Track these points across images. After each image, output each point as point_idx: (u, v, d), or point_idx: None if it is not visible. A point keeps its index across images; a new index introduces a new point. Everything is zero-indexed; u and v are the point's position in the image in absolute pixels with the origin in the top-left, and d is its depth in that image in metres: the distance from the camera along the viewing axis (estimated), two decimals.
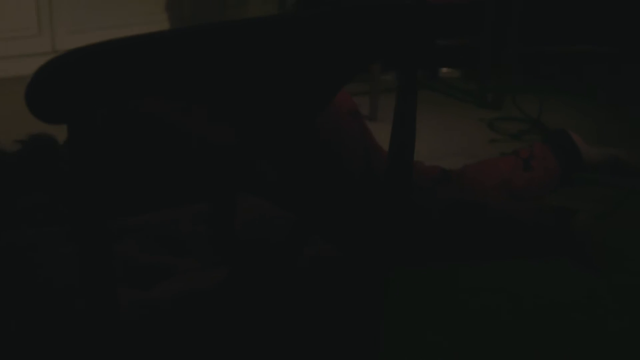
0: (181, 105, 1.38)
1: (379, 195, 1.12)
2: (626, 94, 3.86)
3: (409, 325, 2.05)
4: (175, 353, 1.00)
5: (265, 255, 1.10)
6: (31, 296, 1.03)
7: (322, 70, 0.95)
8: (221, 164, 1.42)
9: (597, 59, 4.10)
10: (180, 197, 1.31)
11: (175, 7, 4.56)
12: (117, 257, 1.08)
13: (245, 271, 1.04)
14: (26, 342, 1.00)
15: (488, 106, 3.76)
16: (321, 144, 2.19)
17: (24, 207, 1.54)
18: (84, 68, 0.78)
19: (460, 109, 3.73)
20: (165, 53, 0.82)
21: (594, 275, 2.31)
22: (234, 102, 0.94)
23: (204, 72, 0.86)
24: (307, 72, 0.94)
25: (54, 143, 1.81)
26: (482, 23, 3.83)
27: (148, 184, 1.45)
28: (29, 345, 1.00)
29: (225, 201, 1.09)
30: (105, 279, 0.84)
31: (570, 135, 2.82)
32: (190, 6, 4.60)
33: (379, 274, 1.13)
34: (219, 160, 1.46)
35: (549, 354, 1.96)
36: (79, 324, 0.95)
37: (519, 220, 2.41)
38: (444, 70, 4.30)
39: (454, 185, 2.45)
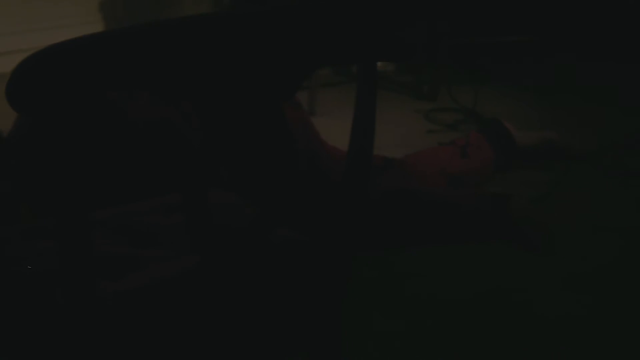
0: (144, 97, 1.41)
1: (326, 186, 1.16)
2: (555, 81, 3.99)
3: (356, 310, 2.10)
4: (148, 341, 1.03)
5: (232, 241, 1.13)
6: (8, 289, 1.04)
7: (283, 63, 0.99)
8: (184, 156, 1.46)
9: (526, 49, 4.21)
10: (143, 190, 1.33)
11: (109, 7, 4.54)
12: None
13: (215, 258, 1.07)
14: (5, 335, 1.01)
15: (424, 98, 3.84)
16: (264, 134, 2.22)
17: None
18: (61, 63, 0.81)
19: (396, 102, 3.80)
20: (139, 47, 0.85)
21: (530, 257, 2.40)
22: (195, 93, 0.98)
23: (177, 66, 0.90)
24: (268, 64, 0.98)
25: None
26: (416, 16, 3.90)
27: (110, 177, 1.47)
28: (8, 337, 1.01)
29: (197, 191, 1.12)
30: (86, 271, 0.87)
31: (503, 124, 2.91)
32: (123, 6, 4.58)
33: (339, 261, 1.17)
34: (182, 153, 1.50)
35: (490, 335, 2.03)
36: (57, 315, 0.97)
37: (458, 206, 2.48)
38: (378, 64, 4.36)
39: (396, 172, 2.52)
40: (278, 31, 0.96)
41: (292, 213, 1.51)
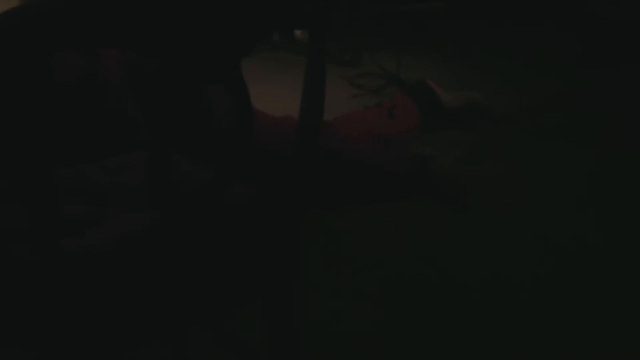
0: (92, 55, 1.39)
1: (251, 149, 1.17)
2: (474, 43, 4.06)
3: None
4: (114, 292, 1.03)
5: (192, 198, 1.14)
6: None
7: (239, 22, 1.00)
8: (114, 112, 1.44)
9: (441, 14, 4.27)
10: (89, 152, 1.32)
11: None
12: None
13: (176, 212, 1.08)
14: None
15: (347, 64, 3.85)
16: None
17: None
18: (17, 27, 0.80)
19: None
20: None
21: (458, 215, 2.45)
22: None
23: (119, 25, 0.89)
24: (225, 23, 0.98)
25: None
26: None
27: (57, 138, 1.44)
28: None
29: (161, 150, 1.12)
30: (52, 228, 0.87)
31: (428, 84, 2.95)
32: None
33: (290, 218, 1.19)
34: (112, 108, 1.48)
35: (419, 287, 2.07)
36: (22, 270, 0.97)
37: (384, 166, 2.52)
38: (298, 32, 4.36)
39: (325, 134, 2.52)
40: None
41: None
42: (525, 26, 4.33)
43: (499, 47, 4.07)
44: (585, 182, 2.70)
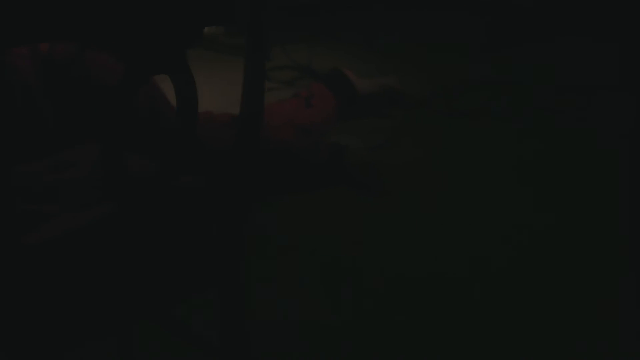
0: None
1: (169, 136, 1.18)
2: (382, 32, 4.10)
3: None
4: (64, 284, 1.02)
5: (143, 189, 1.13)
6: None
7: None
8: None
9: (349, 5, 4.30)
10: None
11: None
12: None
13: (129, 204, 1.07)
14: None
15: None
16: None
17: None
18: None
19: (231, 63, 3.78)
20: None
21: (367, 201, 2.48)
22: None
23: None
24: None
25: None
26: None
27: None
28: None
29: (114, 141, 1.10)
30: (10, 224, 0.86)
31: (343, 72, 2.97)
32: None
33: (237, 208, 1.19)
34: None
35: (341, 266, 2.09)
36: None
37: (301, 156, 2.53)
38: (206, 28, 4.33)
39: None
40: None
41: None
42: (434, 11, 4.40)
43: (410, 33, 4.13)
44: (504, 160, 2.76)
